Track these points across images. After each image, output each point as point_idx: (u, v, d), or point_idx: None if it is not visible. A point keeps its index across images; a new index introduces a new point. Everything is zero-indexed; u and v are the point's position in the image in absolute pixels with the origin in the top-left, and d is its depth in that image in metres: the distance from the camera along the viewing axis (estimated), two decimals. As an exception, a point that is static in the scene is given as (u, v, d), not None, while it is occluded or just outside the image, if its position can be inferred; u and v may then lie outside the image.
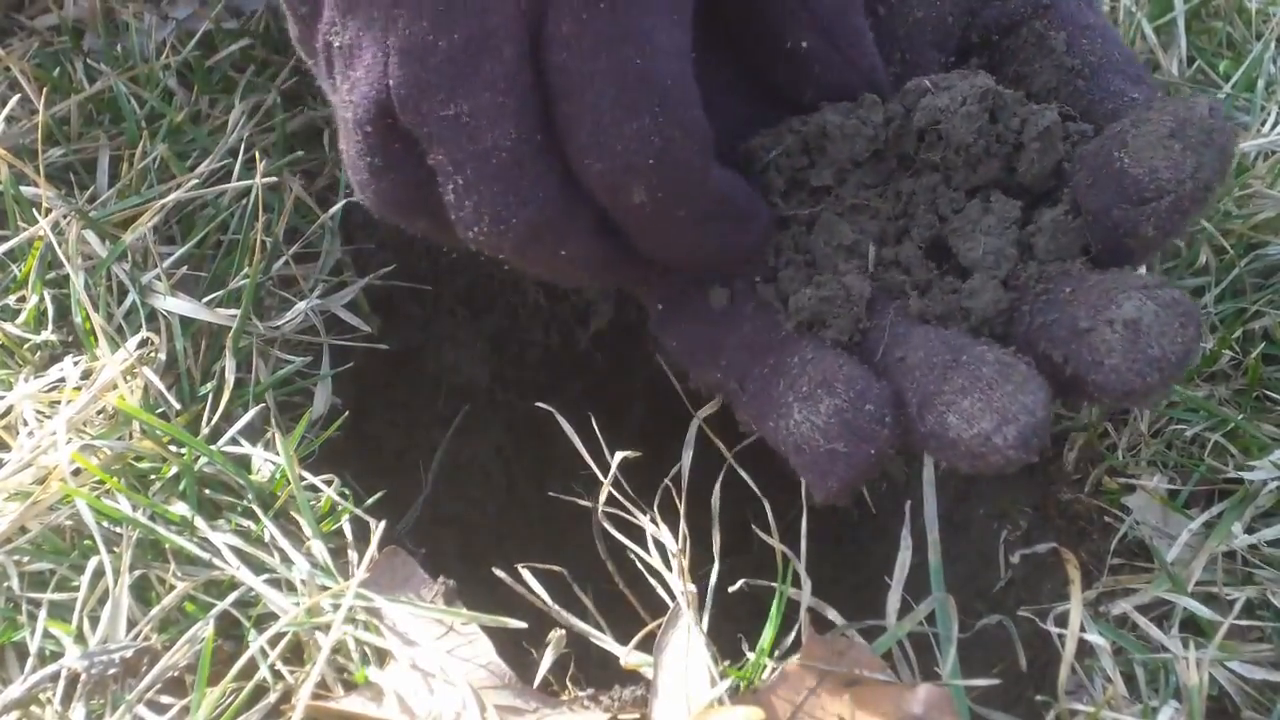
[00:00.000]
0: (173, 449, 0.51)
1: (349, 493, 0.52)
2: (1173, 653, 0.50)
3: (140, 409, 0.51)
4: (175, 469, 0.51)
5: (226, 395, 0.54)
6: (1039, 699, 0.51)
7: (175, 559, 0.48)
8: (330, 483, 0.51)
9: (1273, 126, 0.70)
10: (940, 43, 0.46)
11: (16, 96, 0.67)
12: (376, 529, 0.49)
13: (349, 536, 0.50)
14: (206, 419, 0.54)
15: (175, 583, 0.47)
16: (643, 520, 0.48)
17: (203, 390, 0.55)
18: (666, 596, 0.47)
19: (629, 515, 0.49)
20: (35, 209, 0.60)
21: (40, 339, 0.56)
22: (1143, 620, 0.52)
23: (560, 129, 0.37)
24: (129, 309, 0.57)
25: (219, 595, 0.47)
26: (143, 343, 0.55)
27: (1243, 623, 0.52)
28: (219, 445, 0.52)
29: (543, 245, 0.39)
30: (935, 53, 0.45)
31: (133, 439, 0.52)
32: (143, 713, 0.43)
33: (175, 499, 0.50)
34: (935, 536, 0.48)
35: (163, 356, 0.55)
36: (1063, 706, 0.48)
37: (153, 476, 0.51)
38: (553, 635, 0.46)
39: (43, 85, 0.68)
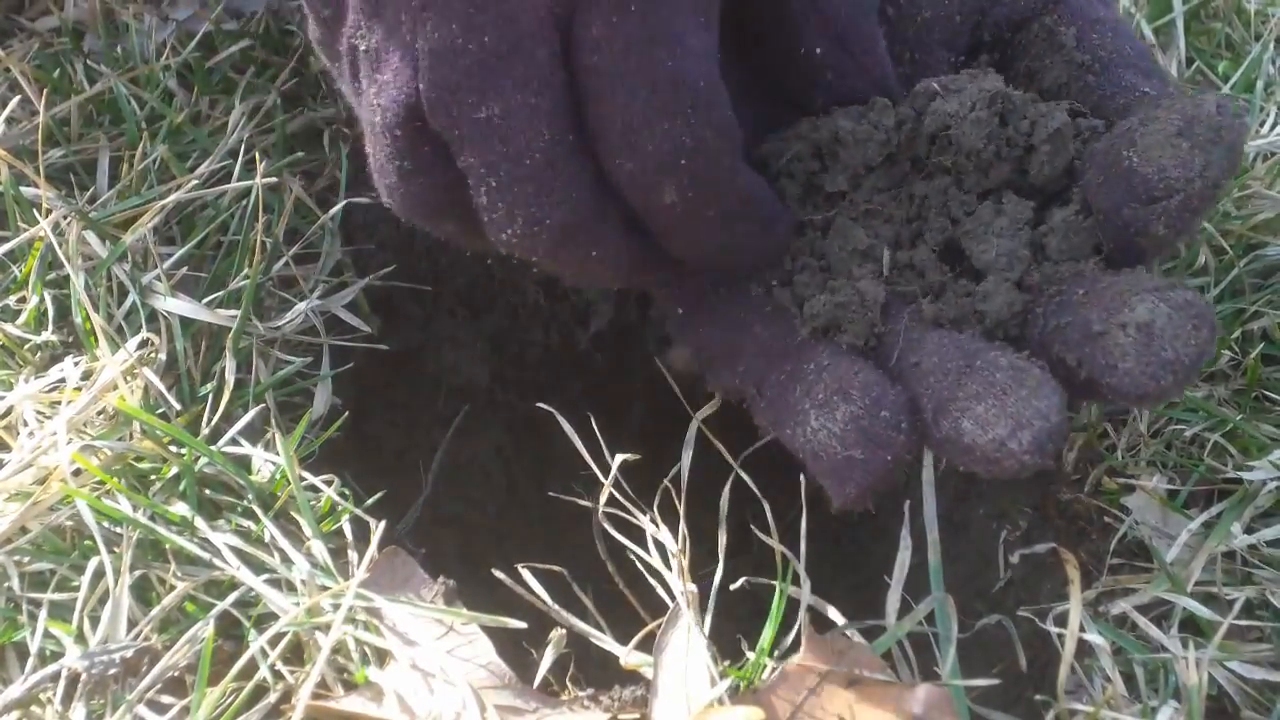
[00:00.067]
0: (173, 449, 0.51)
1: (349, 493, 0.52)
2: (1172, 653, 0.50)
3: (140, 409, 0.51)
4: (175, 469, 0.51)
5: (227, 396, 0.55)
6: (1038, 699, 0.51)
7: (175, 559, 0.48)
8: (330, 483, 0.51)
9: (1272, 127, 0.70)
10: (949, 41, 0.45)
11: (17, 98, 0.67)
12: (376, 529, 0.49)
13: (349, 537, 0.50)
14: (207, 419, 0.54)
15: (175, 583, 0.47)
16: (643, 521, 0.48)
17: (203, 391, 0.55)
18: (666, 596, 0.47)
19: (629, 515, 0.49)
20: (36, 210, 0.60)
21: (41, 339, 0.56)
22: (1142, 620, 0.52)
23: (591, 129, 0.37)
24: (129, 309, 0.57)
25: (219, 595, 0.47)
26: (143, 343, 0.55)
27: (1242, 623, 0.52)
28: (219, 445, 0.52)
29: (575, 246, 0.39)
30: (944, 51, 0.45)
31: (133, 439, 0.52)
32: (143, 713, 0.43)
33: (175, 499, 0.50)
34: (935, 536, 0.48)
35: (163, 357, 0.55)
36: (1062, 706, 0.48)
37: (153, 477, 0.51)
38: (553, 635, 0.46)
39: (43, 86, 0.68)
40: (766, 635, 0.45)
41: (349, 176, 0.69)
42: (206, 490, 0.51)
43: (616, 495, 0.49)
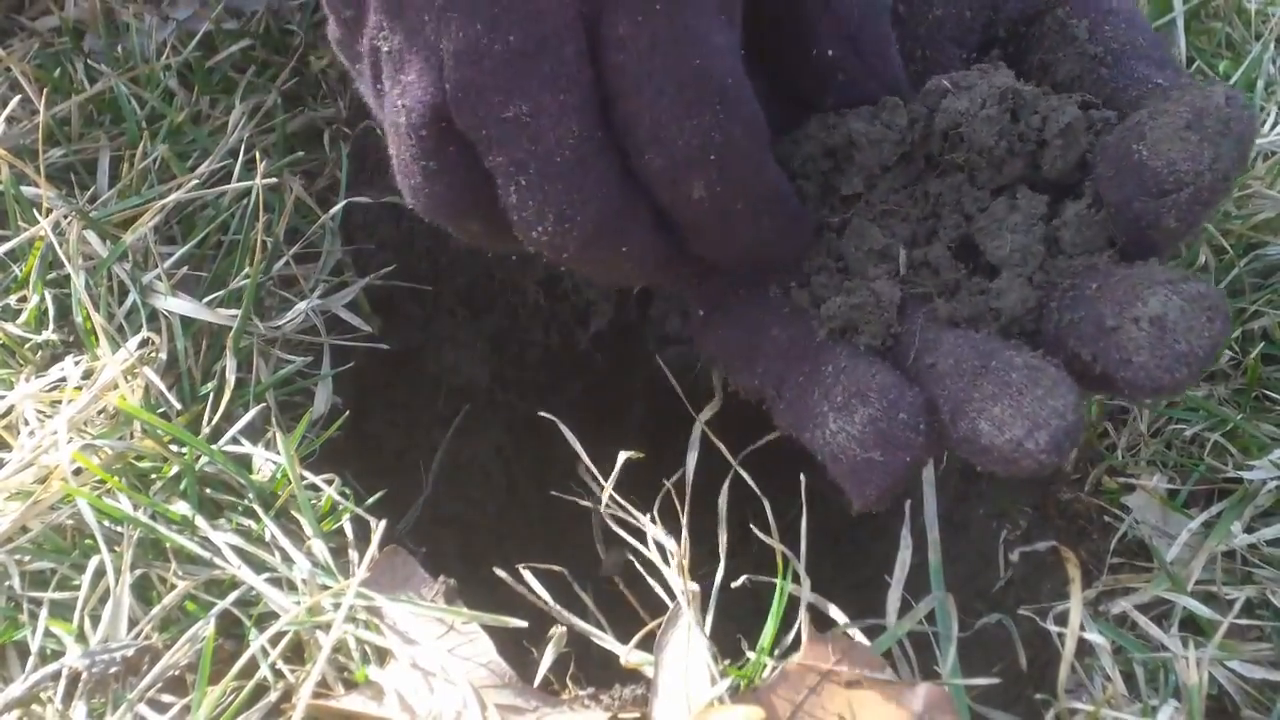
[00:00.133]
0: (174, 448, 0.51)
1: (349, 492, 0.52)
2: (1172, 652, 0.50)
3: (141, 409, 0.51)
4: (176, 468, 0.51)
5: (227, 395, 0.55)
6: (1039, 698, 0.51)
7: (176, 558, 0.48)
8: (331, 482, 0.51)
9: (1272, 127, 0.70)
10: (960, 38, 0.45)
11: (17, 97, 0.67)
12: (377, 528, 0.49)
13: (349, 536, 0.50)
14: (207, 419, 0.54)
15: (176, 582, 0.47)
16: (643, 520, 0.48)
17: (203, 390, 0.55)
18: (666, 596, 0.47)
19: (630, 516, 0.49)
20: (36, 209, 0.60)
21: (41, 339, 0.56)
22: (1142, 619, 0.52)
23: (619, 126, 0.37)
24: (130, 309, 0.57)
25: (220, 594, 0.47)
26: (143, 342, 0.55)
27: (1242, 622, 0.52)
28: (220, 445, 0.52)
29: (605, 243, 0.39)
30: (956, 49, 0.45)
31: (134, 438, 0.52)
32: (144, 711, 0.43)
33: (176, 498, 0.50)
34: (935, 536, 0.48)
35: (163, 356, 0.55)
36: (1062, 705, 0.48)
37: (154, 476, 0.51)
38: (553, 634, 0.46)
39: (43, 86, 0.68)
40: (767, 634, 0.45)
41: (349, 176, 0.69)
42: (207, 489, 0.51)
43: (617, 497, 0.49)
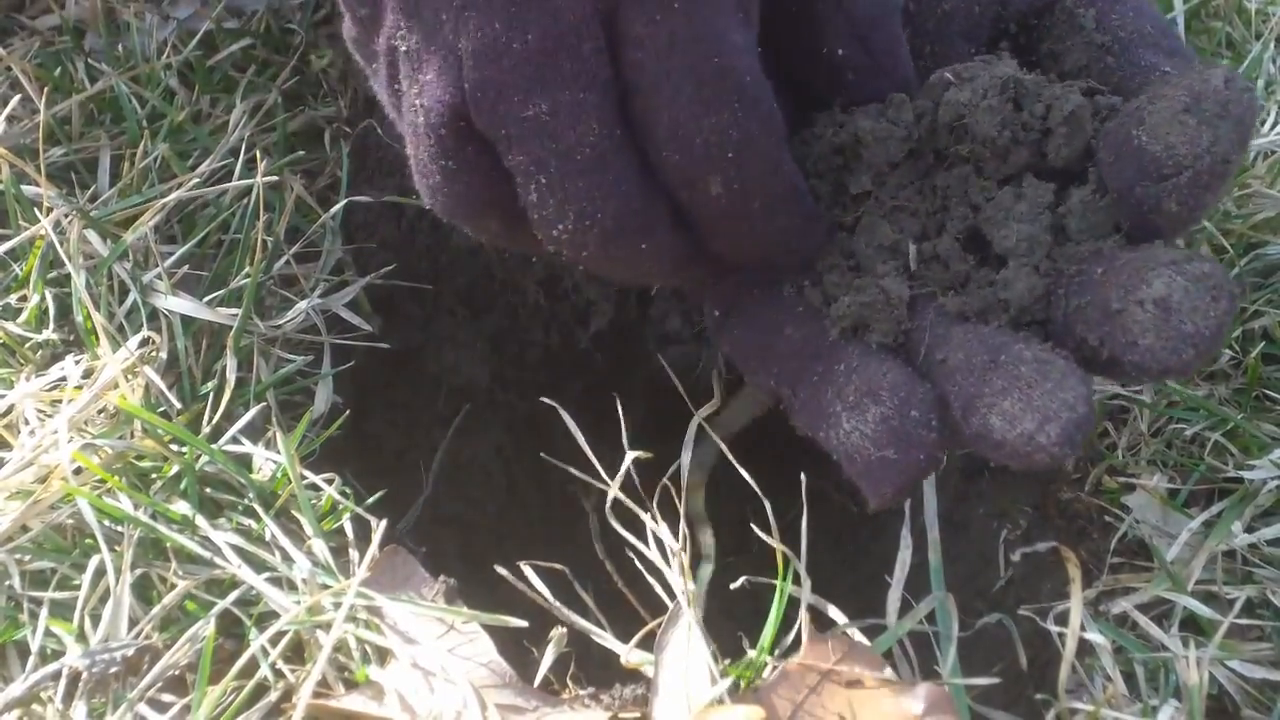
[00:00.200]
0: (174, 448, 0.51)
1: (350, 492, 0.52)
2: (1173, 651, 0.50)
3: (141, 408, 0.51)
4: (176, 468, 0.51)
5: (227, 394, 0.55)
6: (1039, 698, 0.51)
7: (176, 558, 0.48)
8: (331, 482, 0.51)
9: (1272, 126, 0.70)
10: (969, 33, 0.45)
11: (18, 96, 0.67)
12: (377, 528, 0.49)
13: (350, 535, 0.50)
14: (207, 418, 0.54)
15: (176, 581, 0.47)
16: (643, 519, 0.48)
17: (204, 389, 0.55)
18: (666, 596, 0.47)
19: (629, 515, 0.49)
20: (36, 208, 0.60)
21: (41, 338, 0.56)
22: (1143, 619, 0.52)
23: (637, 124, 0.37)
24: (130, 308, 0.57)
25: (220, 594, 0.47)
26: (144, 342, 0.55)
27: (1242, 622, 0.52)
28: (220, 444, 0.52)
29: (625, 241, 0.39)
30: (965, 44, 0.45)
31: (134, 438, 0.52)
32: (144, 711, 0.43)
33: (176, 498, 0.50)
34: (935, 535, 0.48)
35: (164, 355, 0.55)
36: (1063, 705, 0.48)
37: (154, 475, 0.51)
38: (553, 634, 0.46)
39: (44, 85, 0.68)
40: (767, 634, 0.45)
41: (350, 175, 0.69)
42: (207, 489, 0.51)
43: (619, 495, 0.49)
